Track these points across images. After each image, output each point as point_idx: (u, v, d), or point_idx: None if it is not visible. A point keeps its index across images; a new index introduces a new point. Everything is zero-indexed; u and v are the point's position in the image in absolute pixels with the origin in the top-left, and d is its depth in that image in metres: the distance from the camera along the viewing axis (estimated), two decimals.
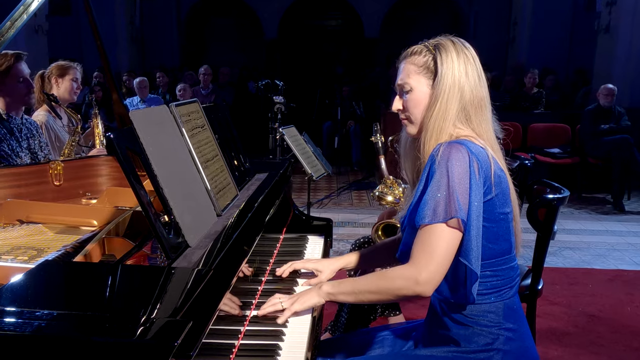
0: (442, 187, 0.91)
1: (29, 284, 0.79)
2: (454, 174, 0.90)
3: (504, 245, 0.98)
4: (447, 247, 0.91)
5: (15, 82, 1.77)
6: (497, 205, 0.95)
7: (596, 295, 2.56)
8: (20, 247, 1.06)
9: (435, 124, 0.96)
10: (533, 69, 5.35)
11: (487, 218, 0.94)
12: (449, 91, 0.95)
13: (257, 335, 0.96)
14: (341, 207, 4.17)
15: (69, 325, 0.67)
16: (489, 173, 0.94)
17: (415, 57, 1.00)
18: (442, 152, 0.92)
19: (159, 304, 0.73)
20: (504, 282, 0.99)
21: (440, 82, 0.96)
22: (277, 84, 4.48)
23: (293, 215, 1.56)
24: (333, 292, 1.00)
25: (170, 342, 0.63)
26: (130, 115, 0.93)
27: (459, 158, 0.91)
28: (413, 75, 0.99)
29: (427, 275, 0.91)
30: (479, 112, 0.97)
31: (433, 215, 0.91)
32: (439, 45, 0.98)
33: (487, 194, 0.94)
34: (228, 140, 1.39)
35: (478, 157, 0.93)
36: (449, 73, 0.96)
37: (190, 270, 0.85)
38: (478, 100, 0.97)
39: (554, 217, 1.44)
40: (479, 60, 0.99)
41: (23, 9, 1.47)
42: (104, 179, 1.58)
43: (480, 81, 0.97)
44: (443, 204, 0.91)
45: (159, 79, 5.74)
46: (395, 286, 0.94)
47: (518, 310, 1.01)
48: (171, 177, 0.96)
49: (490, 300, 0.97)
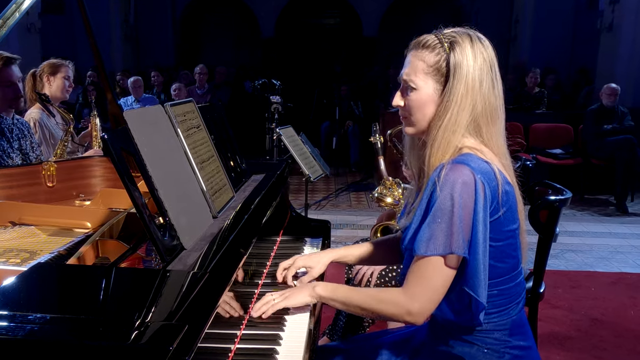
0: (445, 217, 0.85)
1: (21, 287, 0.78)
2: (458, 202, 0.84)
3: (510, 262, 0.94)
4: (443, 281, 0.88)
5: (2, 86, 1.74)
6: (505, 224, 0.91)
7: (599, 298, 2.54)
8: (12, 249, 1.05)
9: (444, 135, 0.89)
10: (535, 68, 5.31)
11: (494, 238, 0.90)
12: (461, 101, 0.87)
13: (254, 339, 0.95)
14: (339, 209, 4.16)
15: (62, 329, 0.66)
16: (497, 192, 0.88)
17: (426, 52, 0.90)
18: (445, 176, 0.86)
19: (153, 307, 0.72)
20: (511, 299, 0.95)
21: (452, 90, 0.88)
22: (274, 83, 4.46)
23: (290, 217, 1.56)
24: (325, 296, 0.98)
25: (165, 346, 0.63)
26: (125, 115, 0.93)
27: (464, 182, 0.85)
28: (421, 74, 0.90)
29: (420, 307, 0.89)
30: (491, 123, 0.90)
31: (432, 246, 0.86)
32: (455, 44, 0.88)
33: (495, 213, 0.89)
34: (224, 140, 1.38)
35: (484, 177, 0.87)
36: (463, 81, 0.87)
37: (185, 273, 0.84)
38: (490, 110, 0.89)
39: (555, 219, 1.41)
40: (496, 60, 0.90)
41: (15, 7, 1.46)
42: (98, 180, 1.57)
43: (494, 89, 0.90)
44: (443, 236, 0.86)
45: (153, 78, 5.71)
46: (386, 311, 0.92)
47: (524, 326, 0.98)
48: (166, 178, 0.95)
49: (497, 319, 0.94)
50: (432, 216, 0.87)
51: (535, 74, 5.20)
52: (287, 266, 1.13)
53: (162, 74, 6.09)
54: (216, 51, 9.83)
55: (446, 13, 9.39)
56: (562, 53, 7.27)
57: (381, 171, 2.01)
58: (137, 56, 8.66)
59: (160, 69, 6.70)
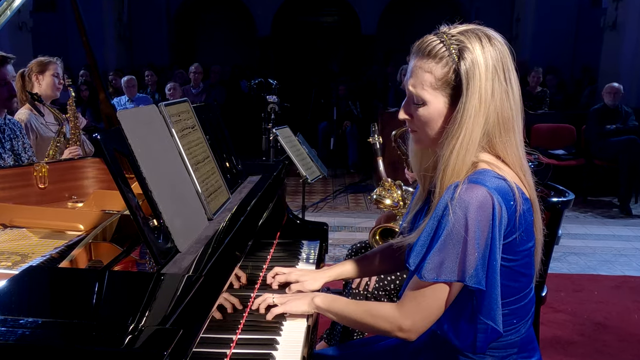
0: (457, 243, 0.79)
1: (12, 290, 0.77)
2: (473, 228, 0.78)
3: (524, 281, 0.89)
4: (441, 305, 0.85)
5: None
6: (520, 244, 0.85)
7: (602, 302, 2.51)
8: (3, 252, 1.04)
9: (458, 155, 0.81)
10: (537, 68, 5.24)
11: (508, 258, 0.85)
12: (475, 116, 0.80)
13: (250, 344, 0.94)
14: (337, 211, 4.13)
15: (54, 334, 0.65)
16: (514, 214, 0.82)
17: (433, 63, 0.82)
18: (459, 197, 0.79)
19: (147, 311, 0.71)
20: (521, 317, 0.91)
21: (466, 105, 0.80)
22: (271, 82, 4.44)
23: (287, 220, 1.55)
24: (322, 307, 0.99)
25: (160, 351, 0.62)
26: (118, 115, 0.91)
27: (480, 206, 0.78)
28: (429, 89, 0.83)
29: (412, 325, 0.86)
30: (504, 134, 0.83)
31: (440, 273, 0.81)
32: (463, 51, 0.80)
33: (510, 235, 0.83)
34: (219, 141, 1.37)
35: (502, 198, 0.80)
36: (476, 94, 0.79)
37: (180, 277, 0.83)
38: (504, 122, 0.82)
39: (558, 222, 1.38)
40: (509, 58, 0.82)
41: (6, 5, 1.44)
42: (91, 182, 1.56)
43: (508, 96, 0.81)
44: (453, 264, 0.80)
45: (147, 77, 5.67)
46: (379, 326, 0.91)
47: (532, 342, 0.95)
48: (160, 179, 0.94)
49: (506, 339, 0.90)
50: (443, 242, 0.81)
51: (538, 73, 5.13)
52: (280, 273, 1.12)
53: (156, 73, 6.05)
54: (211, 50, 9.79)
55: (446, 10, 9.38)
56: (565, 52, 7.21)
57: (380, 172, 1.98)
58: (130, 55, 8.60)
59: (154, 68, 6.66)
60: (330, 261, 2.89)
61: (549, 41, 7.10)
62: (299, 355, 0.92)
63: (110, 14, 7.90)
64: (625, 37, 5.19)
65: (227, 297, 0.98)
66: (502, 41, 0.84)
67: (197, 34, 10.31)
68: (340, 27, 10.45)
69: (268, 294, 1.01)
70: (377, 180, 2.18)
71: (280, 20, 9.84)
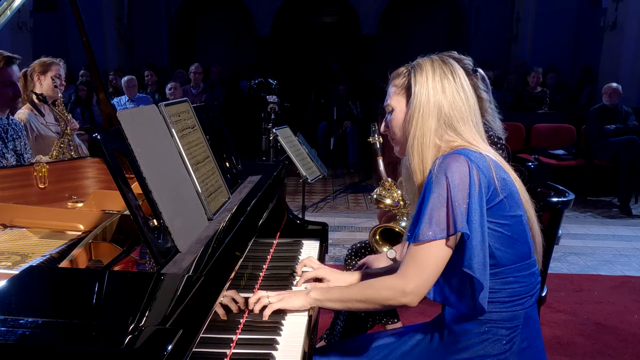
0: (441, 201, 0.91)
1: (12, 291, 0.77)
2: (453, 182, 0.91)
3: (522, 249, 0.98)
4: (438, 261, 0.92)
5: (1, 85, 1.74)
6: (507, 209, 0.95)
7: (602, 302, 2.50)
8: (3, 252, 1.04)
9: (415, 141, 0.98)
10: (537, 68, 5.24)
11: (498, 223, 0.95)
12: (423, 108, 0.98)
13: (250, 344, 0.94)
14: (337, 211, 4.12)
15: (54, 334, 0.65)
16: (491, 177, 0.94)
17: (397, 79, 1.05)
18: (439, 164, 0.93)
19: (147, 311, 0.71)
20: (526, 289, 0.98)
21: (413, 100, 0.99)
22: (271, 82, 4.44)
23: (287, 219, 1.54)
24: (320, 299, 1.01)
25: (160, 351, 0.62)
26: (118, 115, 0.91)
27: (458, 168, 0.91)
28: (394, 96, 1.04)
29: (414, 287, 0.92)
30: (462, 123, 0.99)
31: (432, 230, 0.91)
32: (416, 66, 1.02)
33: (494, 198, 0.94)
34: (219, 141, 1.37)
35: (478, 164, 0.93)
36: (423, 91, 0.98)
37: (180, 277, 0.83)
38: (459, 112, 0.98)
39: (558, 222, 1.40)
40: (464, 76, 1.01)
41: (6, 4, 1.44)
42: (91, 182, 1.55)
43: (460, 96, 0.98)
44: (442, 219, 0.91)
45: (147, 77, 5.66)
46: (382, 296, 0.95)
47: (536, 321, 1.01)
48: (160, 179, 0.94)
49: (511, 308, 0.97)
50: (431, 205, 0.92)
51: (538, 74, 5.12)
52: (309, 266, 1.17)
53: (156, 73, 6.05)
54: (211, 50, 9.78)
55: (445, 11, 9.39)
56: (565, 52, 7.20)
57: (380, 172, 1.98)
58: (130, 55, 8.60)
59: (154, 68, 6.65)
60: (330, 261, 2.89)
61: (548, 41, 7.10)
62: (299, 355, 0.92)
63: (110, 14, 7.90)
64: (625, 37, 5.19)
65: (234, 296, 0.98)
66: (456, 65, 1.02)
67: (197, 34, 10.31)
68: (340, 27, 10.45)
69: (262, 293, 1.02)
70: (377, 180, 2.18)
71: (280, 20, 9.84)
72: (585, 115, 4.54)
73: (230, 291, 0.98)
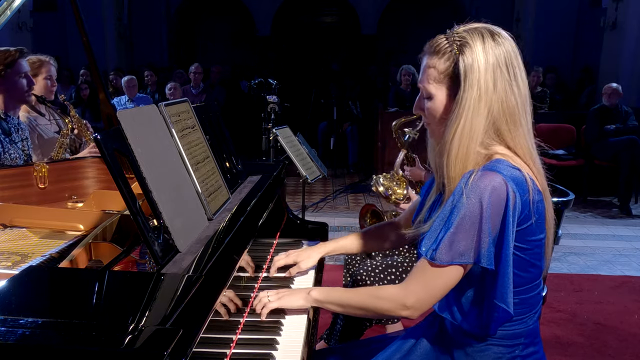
0: (472, 225, 0.82)
1: (12, 291, 0.77)
2: (487, 210, 0.81)
3: (534, 272, 0.91)
4: (448, 283, 0.86)
5: (17, 77, 1.76)
6: (533, 233, 0.88)
7: (602, 302, 2.50)
8: (3, 252, 1.03)
9: (460, 144, 0.85)
10: (537, 67, 5.24)
11: (520, 247, 0.87)
12: (474, 107, 0.84)
13: (250, 344, 0.94)
14: (337, 211, 4.12)
15: (54, 334, 0.65)
16: (528, 201, 0.85)
17: (437, 58, 0.87)
18: (473, 182, 0.82)
19: (147, 311, 0.71)
20: (530, 308, 0.93)
21: (464, 95, 0.84)
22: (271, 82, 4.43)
23: (287, 220, 1.54)
24: (321, 300, 0.99)
25: (160, 351, 0.62)
26: (118, 115, 0.91)
27: (494, 189, 0.81)
28: (433, 82, 0.89)
29: (416, 301, 0.88)
30: (512, 126, 0.87)
31: (453, 253, 0.83)
32: (464, 46, 0.84)
33: (526, 221, 0.86)
34: (219, 141, 1.37)
35: (516, 186, 0.83)
36: (475, 86, 0.84)
37: (180, 277, 0.83)
38: (510, 113, 0.86)
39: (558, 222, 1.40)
40: (515, 54, 0.86)
41: (6, 4, 1.44)
42: (91, 182, 1.55)
43: (512, 88, 0.85)
44: (467, 245, 0.82)
45: (147, 77, 5.66)
46: (382, 307, 0.92)
47: (537, 337, 0.97)
48: (160, 179, 0.94)
49: (514, 328, 0.92)
50: (458, 225, 0.83)
51: (538, 74, 5.13)
52: (279, 259, 1.15)
53: (156, 73, 6.05)
54: (211, 50, 9.78)
55: (445, 10, 9.38)
56: (565, 52, 7.21)
57: (396, 164, 1.93)
58: (130, 55, 8.60)
59: (154, 68, 6.65)
60: (331, 261, 2.89)
61: (549, 41, 7.10)
62: (299, 355, 0.92)
63: (110, 14, 7.90)
64: (625, 37, 5.19)
65: (232, 298, 0.98)
66: (509, 39, 0.88)
67: (197, 34, 10.31)
68: (340, 27, 10.44)
69: (263, 294, 1.02)
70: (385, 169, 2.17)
71: (280, 20, 9.83)
72: (585, 115, 4.55)
73: (230, 292, 0.98)
